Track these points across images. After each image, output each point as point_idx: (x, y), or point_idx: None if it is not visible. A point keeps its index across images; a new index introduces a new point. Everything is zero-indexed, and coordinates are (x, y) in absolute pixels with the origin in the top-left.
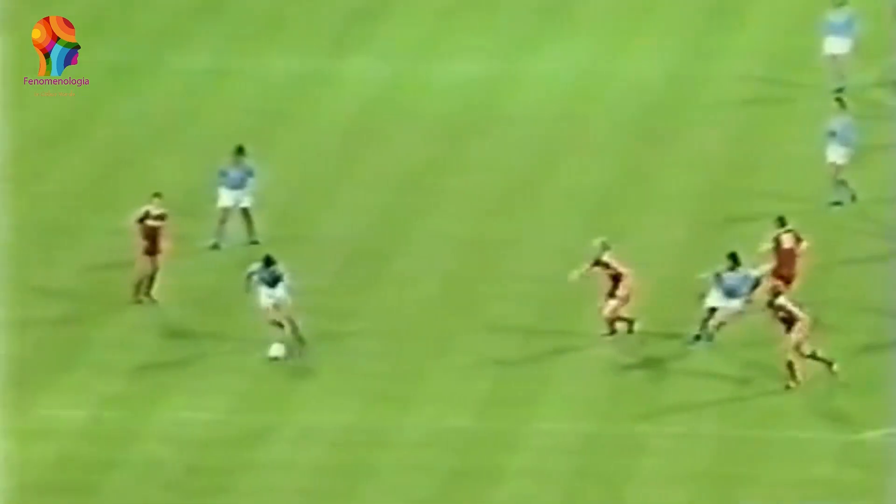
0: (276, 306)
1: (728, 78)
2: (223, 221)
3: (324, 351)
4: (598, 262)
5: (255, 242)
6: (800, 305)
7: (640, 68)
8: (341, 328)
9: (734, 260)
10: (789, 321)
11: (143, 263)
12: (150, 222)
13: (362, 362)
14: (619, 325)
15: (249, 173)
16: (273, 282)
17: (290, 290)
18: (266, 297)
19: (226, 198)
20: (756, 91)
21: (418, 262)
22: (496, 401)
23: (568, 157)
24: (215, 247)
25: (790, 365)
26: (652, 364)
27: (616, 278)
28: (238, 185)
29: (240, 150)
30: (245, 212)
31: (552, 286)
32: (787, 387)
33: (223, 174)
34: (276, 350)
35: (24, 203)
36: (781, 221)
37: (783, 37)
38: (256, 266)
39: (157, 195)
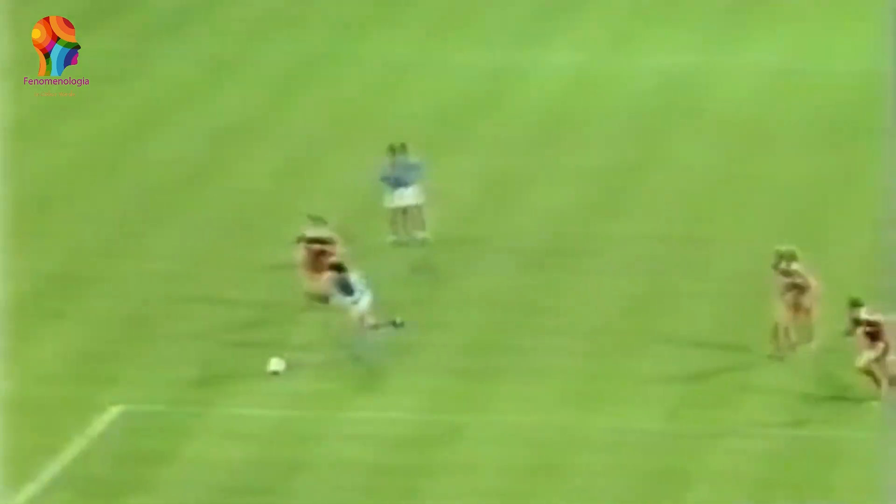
0: (362, 316)
1: None
2: (393, 222)
3: (516, 348)
4: (783, 272)
5: (426, 240)
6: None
7: (842, 63)
8: (535, 325)
9: None
10: (874, 336)
11: (305, 281)
12: (308, 245)
13: (555, 360)
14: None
15: (413, 169)
16: (352, 291)
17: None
18: (352, 308)
19: (393, 197)
20: None
21: (613, 260)
22: (689, 403)
23: (768, 154)
24: (398, 243)
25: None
26: (845, 371)
27: (799, 288)
28: (402, 184)
29: (393, 149)
30: (418, 209)
31: (751, 286)
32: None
33: (385, 174)
34: (276, 364)
35: (212, 202)
36: None
37: None
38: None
39: (311, 217)
